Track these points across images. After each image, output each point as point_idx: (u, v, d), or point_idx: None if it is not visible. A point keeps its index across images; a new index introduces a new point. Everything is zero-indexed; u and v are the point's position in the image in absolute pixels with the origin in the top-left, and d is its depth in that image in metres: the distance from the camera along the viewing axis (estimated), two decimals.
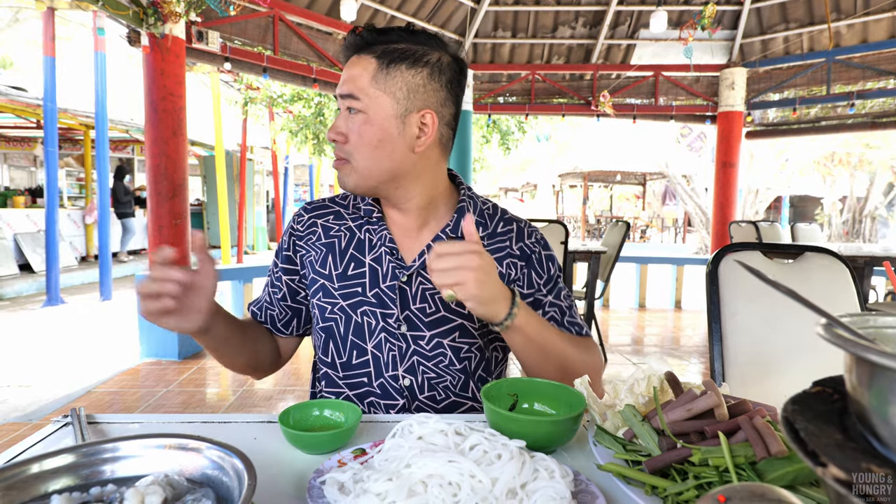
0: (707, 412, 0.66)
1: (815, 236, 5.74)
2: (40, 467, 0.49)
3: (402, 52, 0.96)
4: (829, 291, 1.24)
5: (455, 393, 1.01)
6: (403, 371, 0.99)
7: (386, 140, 0.95)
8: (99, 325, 5.29)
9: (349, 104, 0.95)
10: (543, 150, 20.38)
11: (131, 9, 4.00)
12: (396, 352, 0.99)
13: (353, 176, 0.97)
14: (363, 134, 0.95)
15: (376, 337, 1.00)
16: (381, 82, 0.95)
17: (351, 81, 0.95)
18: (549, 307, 1.04)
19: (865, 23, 6.48)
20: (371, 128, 0.95)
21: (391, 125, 0.96)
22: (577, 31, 7.27)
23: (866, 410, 0.33)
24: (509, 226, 1.08)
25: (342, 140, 0.96)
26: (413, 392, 0.99)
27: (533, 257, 1.06)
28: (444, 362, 0.99)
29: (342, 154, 0.97)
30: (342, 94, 0.96)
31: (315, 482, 0.60)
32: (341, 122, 0.97)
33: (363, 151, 0.95)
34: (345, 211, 1.11)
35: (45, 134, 5.80)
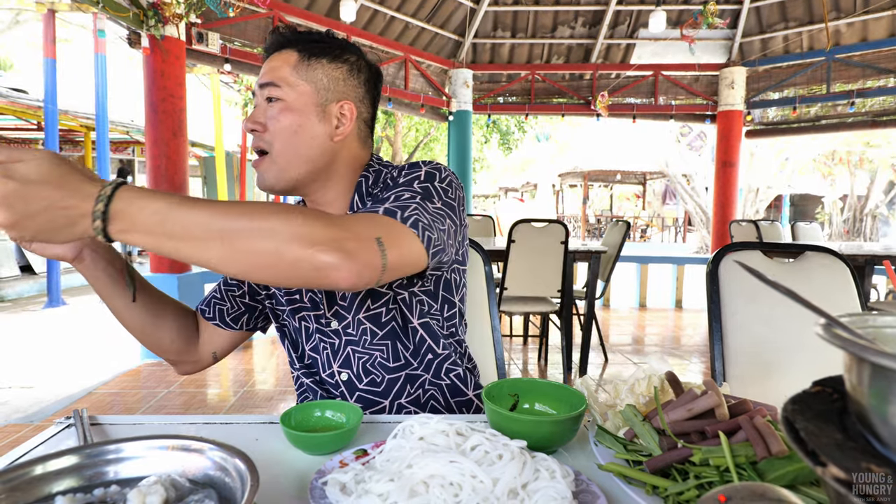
0: (708, 412, 0.67)
1: (815, 235, 5.74)
2: (44, 468, 0.49)
3: (323, 47, 0.98)
4: (830, 291, 1.24)
5: (388, 368, 0.98)
6: (339, 367, 0.99)
7: (305, 127, 0.95)
8: (100, 327, 5.29)
9: (269, 93, 0.95)
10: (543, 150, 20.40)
11: (131, 10, 4.00)
12: (330, 349, 1.00)
13: (272, 170, 0.95)
14: (282, 120, 0.94)
15: (313, 339, 1.02)
16: (303, 72, 0.96)
17: (271, 72, 0.96)
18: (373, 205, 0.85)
19: (865, 21, 6.48)
20: (291, 115, 0.94)
21: (311, 112, 0.96)
22: (576, 30, 7.27)
23: (866, 410, 0.33)
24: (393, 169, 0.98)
25: (260, 129, 0.95)
26: (351, 385, 0.99)
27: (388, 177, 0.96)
28: (367, 339, 0.98)
29: (261, 144, 0.95)
30: (262, 83, 0.96)
31: (317, 483, 0.60)
32: (259, 112, 0.96)
33: (282, 138, 0.94)
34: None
35: (46, 136, 5.81)
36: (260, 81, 0.96)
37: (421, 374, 1.00)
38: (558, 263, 3.45)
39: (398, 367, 1.00)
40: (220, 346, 1.11)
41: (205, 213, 0.66)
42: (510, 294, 3.48)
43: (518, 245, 3.37)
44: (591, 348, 3.97)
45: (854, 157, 14.37)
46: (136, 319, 0.98)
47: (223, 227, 0.66)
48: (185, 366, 1.10)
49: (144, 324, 0.99)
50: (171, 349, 1.05)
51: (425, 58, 7.01)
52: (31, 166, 0.61)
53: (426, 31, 6.96)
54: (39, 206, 0.61)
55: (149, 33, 4.06)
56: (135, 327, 0.99)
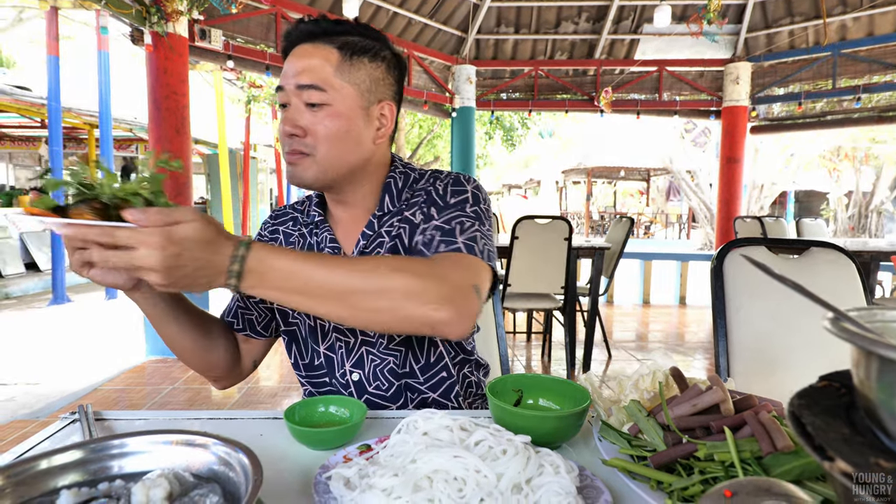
0: (712, 407, 0.66)
1: (820, 231, 5.71)
2: (49, 463, 0.49)
3: (363, 45, 0.95)
4: (835, 286, 1.23)
5: (397, 374, 0.98)
6: (351, 366, 0.99)
7: (352, 132, 0.93)
8: (105, 323, 5.31)
9: (312, 97, 0.90)
10: (547, 147, 20.36)
11: (134, 7, 4.00)
12: (345, 348, 0.99)
13: (312, 169, 0.93)
14: (329, 126, 0.91)
15: (329, 338, 1.01)
16: (346, 73, 0.92)
17: (311, 72, 0.91)
18: (431, 230, 0.92)
19: (871, 16, 6.43)
20: (337, 120, 0.91)
21: (357, 115, 0.94)
22: (580, 26, 7.24)
23: (874, 405, 0.33)
24: (428, 180, 1.03)
25: (301, 134, 0.91)
26: (361, 386, 0.99)
27: (433, 192, 0.99)
28: (383, 343, 0.98)
29: (301, 148, 0.92)
30: (302, 84, 0.91)
31: (321, 478, 0.60)
32: (298, 115, 0.92)
33: (328, 144, 0.92)
34: (301, 217, 1.10)
35: (50, 133, 5.83)
36: (299, 82, 0.90)
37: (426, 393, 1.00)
38: (562, 260, 3.44)
39: (404, 374, 0.99)
40: (258, 354, 1.11)
41: (326, 272, 0.73)
42: (514, 291, 3.48)
43: (521, 242, 3.36)
44: (595, 345, 3.97)
45: (860, 153, 14.28)
46: (188, 342, 0.96)
47: (344, 287, 0.73)
48: (230, 379, 1.07)
49: (196, 346, 0.98)
50: (221, 366, 1.03)
51: (428, 54, 7.00)
52: (188, 228, 0.66)
53: (429, 27, 6.94)
54: (194, 266, 0.67)
55: (151, 30, 4.07)
56: (187, 350, 0.98)
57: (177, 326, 0.94)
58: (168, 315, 0.92)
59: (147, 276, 0.66)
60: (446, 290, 0.76)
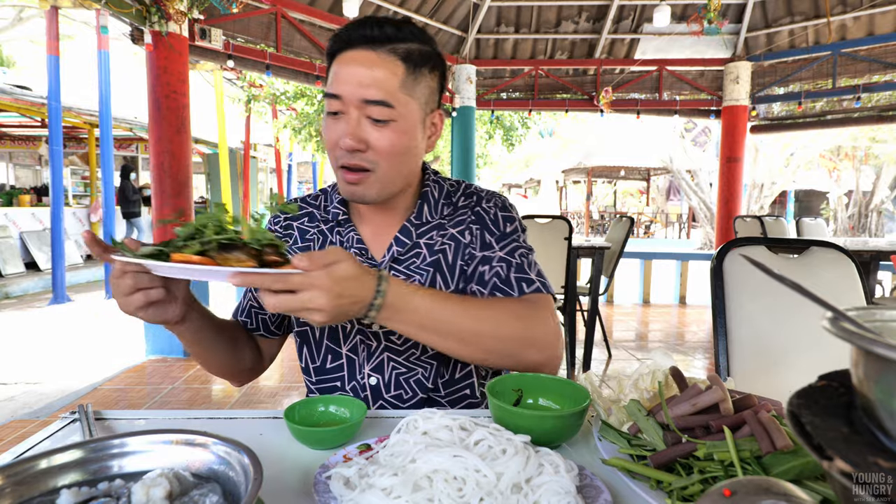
0: (712, 407, 0.66)
1: (820, 231, 5.71)
2: (49, 463, 0.49)
3: (423, 54, 0.91)
4: (835, 286, 1.23)
5: (424, 387, 0.97)
6: (370, 370, 0.97)
7: (412, 147, 0.92)
8: (105, 323, 5.31)
9: (377, 112, 0.87)
10: (547, 146, 20.34)
11: (134, 7, 4.00)
12: (366, 351, 0.98)
13: (375, 186, 0.91)
14: (396, 143, 0.89)
15: (352, 339, 0.98)
16: (410, 87, 0.89)
17: (379, 86, 0.86)
18: (496, 262, 0.97)
19: (872, 15, 6.42)
20: (403, 137, 0.89)
21: (418, 130, 0.92)
22: (580, 25, 7.23)
23: (873, 404, 0.33)
24: (471, 198, 1.05)
25: (363, 149, 0.88)
26: (378, 391, 0.97)
27: (487, 217, 1.01)
28: (416, 354, 0.97)
29: (363, 164, 0.89)
30: (370, 100, 0.86)
31: (321, 477, 0.60)
32: (360, 129, 0.87)
33: (392, 161, 0.90)
34: (317, 212, 1.07)
35: (50, 132, 5.83)
36: (366, 97, 0.86)
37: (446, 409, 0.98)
38: (562, 259, 3.44)
39: (431, 390, 0.98)
40: (273, 350, 1.12)
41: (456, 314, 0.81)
42: None
43: None
44: (595, 344, 3.97)
45: (860, 153, 14.27)
46: (223, 356, 0.98)
47: (471, 330, 0.82)
48: (251, 377, 1.08)
49: (229, 357, 1.00)
50: (247, 369, 1.05)
51: None
52: (344, 267, 0.71)
53: (429, 26, 6.94)
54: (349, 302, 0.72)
55: (152, 29, 4.07)
56: (223, 365, 1.00)
57: (214, 345, 0.96)
58: (209, 338, 0.94)
59: (313, 315, 0.70)
60: (551, 338, 0.88)
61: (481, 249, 0.99)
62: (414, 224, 0.99)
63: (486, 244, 0.99)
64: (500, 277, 0.95)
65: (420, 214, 1.00)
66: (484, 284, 0.97)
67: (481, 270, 0.97)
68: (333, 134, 0.90)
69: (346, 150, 0.88)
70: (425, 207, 1.01)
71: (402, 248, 0.98)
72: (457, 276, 0.99)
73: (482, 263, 0.98)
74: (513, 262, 0.97)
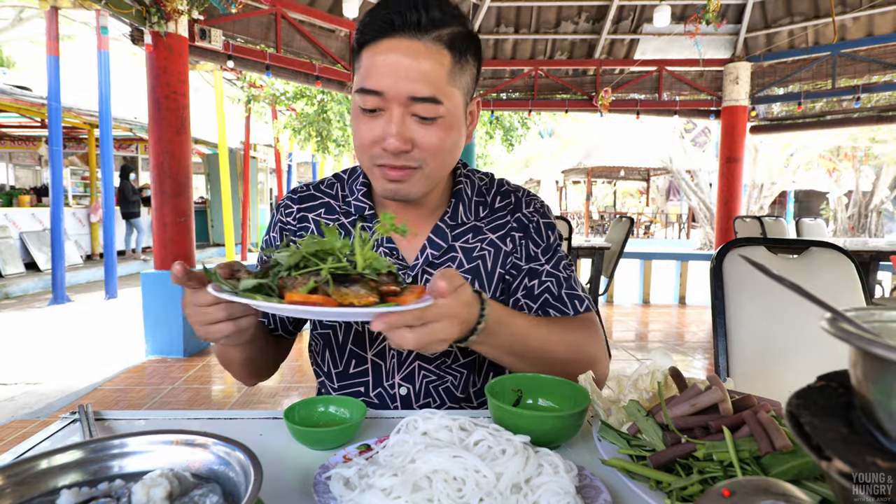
0: (711, 407, 0.66)
1: (820, 231, 5.71)
2: (49, 463, 0.49)
3: (468, 39, 0.82)
4: (835, 286, 1.23)
5: (454, 396, 0.94)
6: (400, 379, 0.92)
7: (459, 140, 0.85)
8: (105, 323, 5.31)
9: (425, 110, 0.79)
10: (547, 146, 20.33)
11: (134, 7, 4.00)
12: (396, 359, 0.92)
13: (421, 183, 0.85)
14: (444, 140, 0.82)
15: (379, 344, 0.93)
16: (456, 78, 0.81)
17: (427, 81, 0.77)
18: (545, 277, 0.95)
19: (871, 16, 6.43)
20: (451, 132, 0.82)
21: (463, 122, 0.85)
22: (579, 26, 7.23)
23: (871, 405, 0.33)
24: (507, 198, 1.00)
25: (409, 149, 0.81)
26: (408, 401, 0.93)
27: (531, 227, 0.98)
28: (447, 362, 0.93)
29: (410, 163, 0.82)
30: (419, 97, 0.77)
31: (320, 477, 0.60)
32: (406, 129, 0.80)
33: (439, 157, 0.83)
34: (335, 203, 0.98)
35: (50, 133, 5.82)
36: (414, 93, 0.77)
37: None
38: None
39: (461, 399, 0.94)
40: (289, 347, 1.07)
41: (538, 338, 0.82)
42: None
43: None
44: None
45: (859, 153, 14.28)
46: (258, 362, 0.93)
47: (553, 355, 0.83)
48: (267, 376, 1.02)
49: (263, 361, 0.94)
50: (270, 369, 1.00)
51: None
52: (467, 291, 0.70)
53: None
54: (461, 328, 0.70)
55: (151, 30, 4.07)
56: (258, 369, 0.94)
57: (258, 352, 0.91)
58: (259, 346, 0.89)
59: (441, 346, 0.67)
60: (603, 354, 0.91)
61: (527, 261, 0.96)
62: (449, 225, 0.93)
63: (532, 256, 0.96)
64: (552, 294, 0.94)
65: (455, 215, 0.93)
66: (533, 299, 0.94)
67: (529, 284, 0.94)
68: (370, 133, 0.81)
69: (390, 153, 0.81)
70: (460, 208, 0.94)
71: (437, 252, 0.92)
72: (495, 285, 0.95)
73: (529, 277, 0.95)
74: (561, 278, 0.95)
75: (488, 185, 1.01)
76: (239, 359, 0.89)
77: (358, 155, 0.86)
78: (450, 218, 0.94)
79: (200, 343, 4.35)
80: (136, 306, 5.85)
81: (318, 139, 10.10)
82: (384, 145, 0.80)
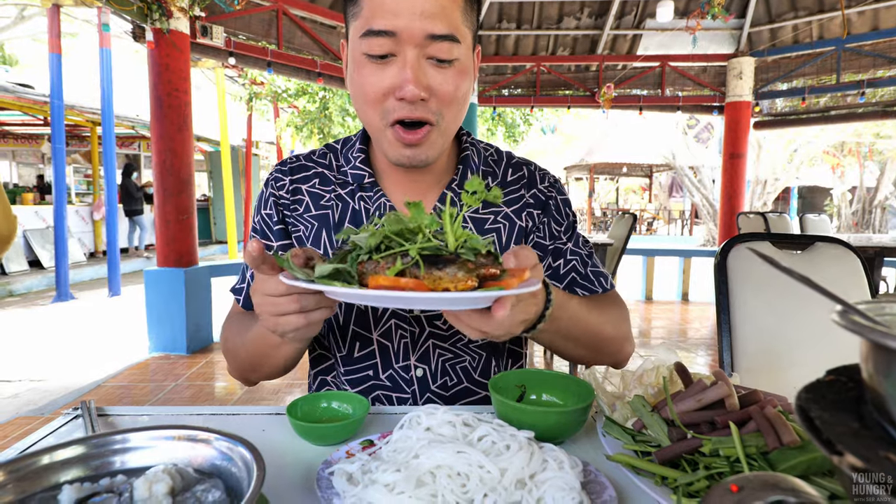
0: (717, 402, 0.66)
1: (824, 227, 5.69)
2: (51, 458, 0.49)
3: None
4: (840, 282, 1.22)
5: (471, 378, 0.89)
6: (416, 360, 0.87)
7: (469, 90, 0.79)
8: (108, 320, 5.33)
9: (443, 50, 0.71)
10: (549, 143, 20.31)
11: (136, 4, 4.00)
12: (409, 338, 0.87)
13: (438, 143, 0.79)
14: (460, 87, 0.75)
15: (384, 324, 0.87)
16: (468, 15, 0.75)
17: (445, 16, 0.70)
18: (570, 255, 0.93)
19: (876, 10, 6.38)
20: (465, 78, 0.76)
21: (472, 71, 0.79)
22: (582, 21, 7.20)
23: (883, 399, 0.32)
24: (519, 171, 0.95)
25: (427, 97, 0.74)
26: (425, 382, 0.87)
27: (550, 203, 0.94)
28: (462, 338, 0.88)
29: (426, 115, 0.75)
30: (438, 34, 0.70)
31: (323, 473, 0.60)
32: (423, 74, 0.72)
33: (454, 109, 0.77)
34: (329, 173, 0.91)
35: (52, 131, 5.83)
36: (433, 30, 0.70)
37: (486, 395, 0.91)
38: None
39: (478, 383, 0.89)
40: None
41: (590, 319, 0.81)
42: None
43: None
44: None
45: (864, 149, 14.22)
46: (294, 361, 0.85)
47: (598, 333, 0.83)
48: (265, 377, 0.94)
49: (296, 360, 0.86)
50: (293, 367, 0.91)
51: None
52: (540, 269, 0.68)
53: None
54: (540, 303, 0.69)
55: (153, 27, 4.06)
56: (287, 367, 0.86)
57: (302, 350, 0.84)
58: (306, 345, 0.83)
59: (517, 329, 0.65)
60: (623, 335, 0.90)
61: (550, 239, 0.93)
62: (457, 193, 0.87)
63: (554, 234, 0.94)
64: (578, 273, 0.93)
65: (463, 182, 0.87)
66: (559, 279, 0.92)
67: (554, 265, 0.93)
68: (380, 83, 0.74)
69: (406, 101, 0.73)
70: (469, 174, 0.88)
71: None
72: None
73: (554, 256, 0.93)
74: (584, 255, 0.94)
75: (495, 156, 0.97)
76: (285, 356, 0.80)
77: (364, 112, 0.79)
78: (457, 185, 0.88)
79: (204, 340, 4.36)
80: (139, 303, 5.86)
81: (320, 136, 10.10)
82: (401, 94, 0.73)
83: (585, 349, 0.84)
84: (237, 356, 0.87)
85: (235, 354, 0.87)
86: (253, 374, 0.88)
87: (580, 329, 0.80)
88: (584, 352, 0.84)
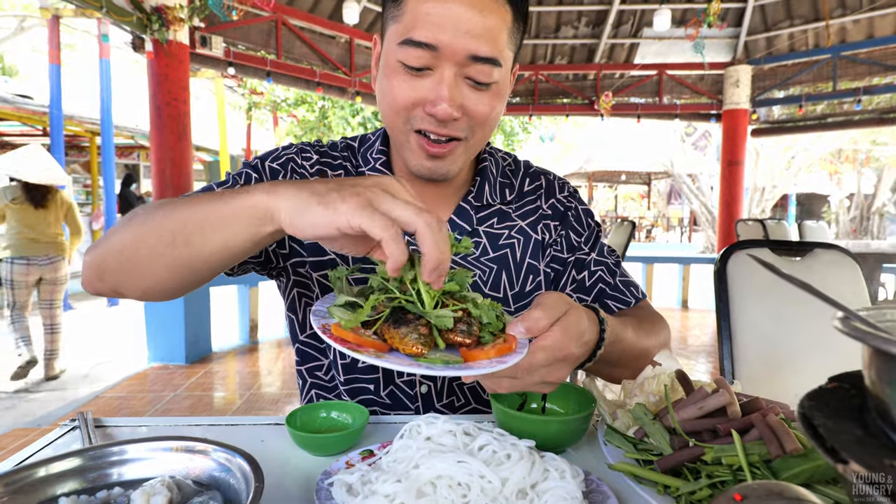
0: (719, 410, 0.65)
1: (822, 234, 5.70)
2: (47, 471, 0.49)
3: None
4: (839, 288, 1.22)
5: (479, 398, 0.87)
6: (421, 376, 0.83)
7: (502, 110, 0.77)
8: (107, 331, 5.31)
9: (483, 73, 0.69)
10: (548, 151, 20.37)
11: (135, 15, 4.02)
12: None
13: (462, 158, 0.76)
14: (496, 108, 0.73)
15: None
16: (513, 38, 0.72)
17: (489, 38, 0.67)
18: (594, 266, 0.88)
19: (871, 18, 6.44)
20: (501, 100, 0.74)
21: (508, 90, 0.77)
22: (580, 30, 7.26)
23: (887, 406, 0.32)
24: (537, 181, 0.92)
25: (458, 116, 0.71)
26: (429, 399, 0.85)
27: (569, 214, 0.90)
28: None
29: (456, 133, 0.72)
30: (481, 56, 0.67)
31: (323, 484, 0.59)
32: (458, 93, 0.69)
33: (486, 128, 0.75)
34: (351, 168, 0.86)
35: (52, 141, 5.85)
36: (478, 52, 0.67)
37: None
38: None
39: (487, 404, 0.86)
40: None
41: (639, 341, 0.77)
42: None
43: None
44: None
45: (861, 155, 14.28)
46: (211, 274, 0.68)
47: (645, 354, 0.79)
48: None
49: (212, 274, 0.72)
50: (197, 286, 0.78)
51: None
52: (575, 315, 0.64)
53: None
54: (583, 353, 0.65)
55: (152, 37, 4.09)
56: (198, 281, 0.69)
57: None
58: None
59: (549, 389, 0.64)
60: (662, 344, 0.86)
61: (569, 252, 0.89)
62: (473, 206, 0.84)
63: (574, 245, 0.89)
64: (607, 284, 0.88)
65: (480, 195, 0.84)
66: (586, 292, 0.88)
67: (578, 277, 0.89)
68: (412, 93, 0.70)
69: (437, 119, 0.70)
70: (486, 187, 0.85)
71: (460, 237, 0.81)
72: (523, 277, 0.86)
73: (577, 269, 0.89)
74: (610, 264, 0.90)
75: (513, 166, 0.93)
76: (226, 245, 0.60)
77: (389, 116, 0.74)
78: (474, 198, 0.85)
79: (202, 350, 4.34)
80: (138, 313, 5.84)
81: None
82: (432, 110, 0.70)
83: (628, 369, 0.80)
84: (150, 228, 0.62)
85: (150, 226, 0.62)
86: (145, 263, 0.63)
87: (630, 353, 0.77)
88: (628, 372, 0.80)
